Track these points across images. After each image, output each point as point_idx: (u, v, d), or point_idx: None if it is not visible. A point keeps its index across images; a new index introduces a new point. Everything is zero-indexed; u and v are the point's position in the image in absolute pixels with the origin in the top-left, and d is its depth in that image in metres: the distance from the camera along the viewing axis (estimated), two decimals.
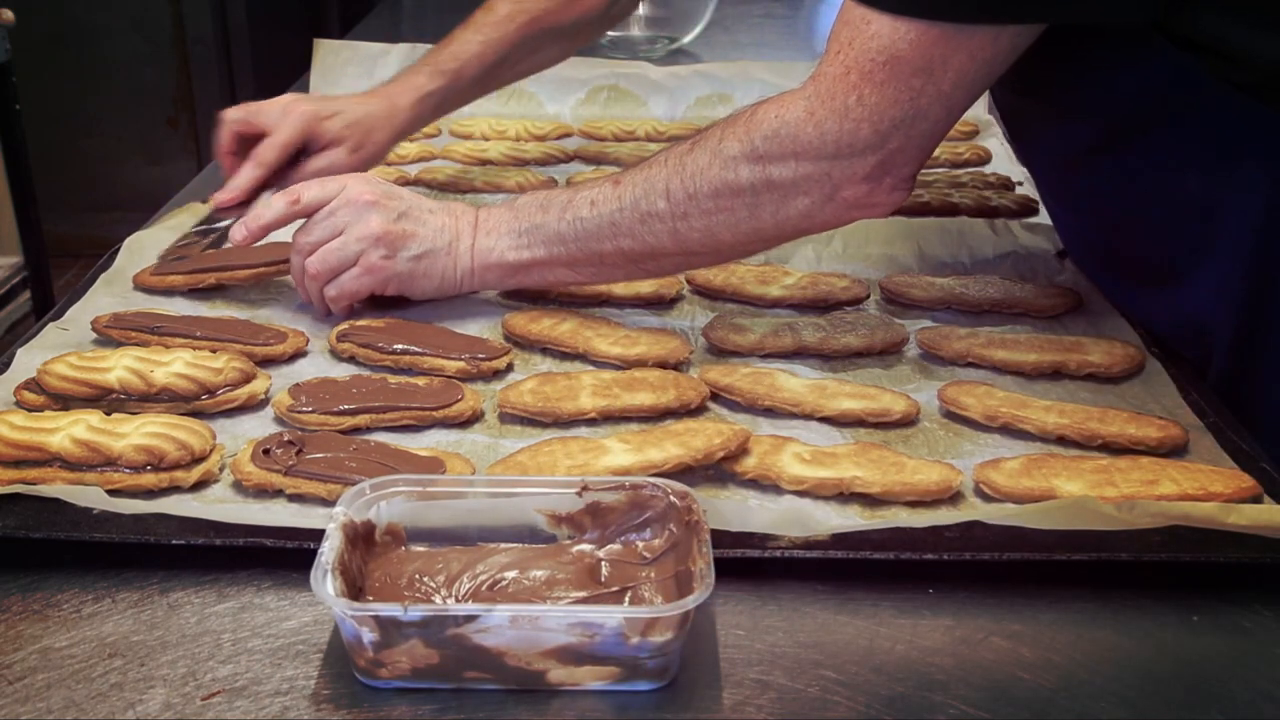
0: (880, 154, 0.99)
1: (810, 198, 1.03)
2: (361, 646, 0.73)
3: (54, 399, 1.02)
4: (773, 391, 1.06)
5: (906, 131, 0.98)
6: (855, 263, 1.38)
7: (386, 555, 0.82)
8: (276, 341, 1.13)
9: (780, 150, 1.01)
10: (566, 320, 1.19)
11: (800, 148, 1.00)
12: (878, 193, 1.02)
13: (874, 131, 0.97)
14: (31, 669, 0.75)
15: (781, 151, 1.01)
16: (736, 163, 1.03)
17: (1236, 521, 0.84)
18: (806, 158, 1.00)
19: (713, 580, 0.72)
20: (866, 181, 1.01)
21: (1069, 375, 1.13)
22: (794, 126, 1.00)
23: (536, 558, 0.81)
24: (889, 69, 0.95)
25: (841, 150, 0.99)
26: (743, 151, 1.02)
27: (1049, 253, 1.37)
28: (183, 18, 3.88)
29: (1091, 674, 0.77)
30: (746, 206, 1.05)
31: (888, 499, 0.92)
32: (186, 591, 0.83)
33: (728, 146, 1.03)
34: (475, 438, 1.02)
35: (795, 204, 1.04)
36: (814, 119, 0.99)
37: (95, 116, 3.97)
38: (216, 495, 0.92)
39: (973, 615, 0.82)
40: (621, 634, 0.72)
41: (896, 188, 1.02)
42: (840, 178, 1.01)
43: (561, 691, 0.74)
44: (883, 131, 0.97)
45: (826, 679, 0.76)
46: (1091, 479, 0.93)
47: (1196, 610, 0.83)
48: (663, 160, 1.08)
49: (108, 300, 1.24)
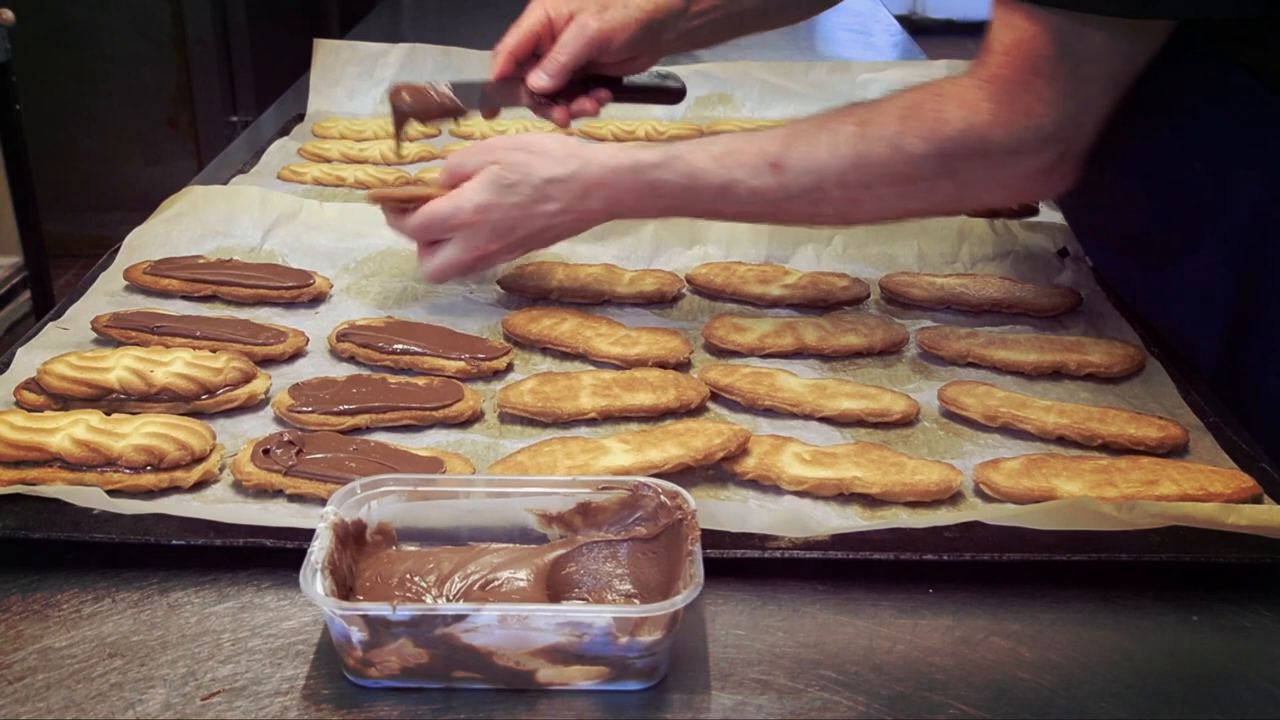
0: (1061, 144, 1.03)
1: (989, 187, 1.08)
2: (350, 646, 0.73)
3: (54, 399, 1.02)
4: (773, 391, 1.06)
5: (1081, 119, 1.02)
6: (855, 262, 1.38)
7: (377, 555, 0.82)
8: (276, 341, 1.13)
9: (968, 150, 1.03)
10: (566, 320, 1.19)
11: (989, 148, 1.03)
12: (1053, 180, 1.07)
13: (1054, 124, 1.01)
14: (31, 669, 0.75)
15: (969, 151, 1.04)
16: (921, 161, 1.05)
17: (1236, 522, 0.84)
18: (994, 155, 1.03)
19: (701, 580, 0.72)
20: (1044, 172, 1.05)
21: (1069, 375, 1.13)
22: (983, 129, 1.02)
23: (528, 557, 0.81)
24: (1062, 63, 0.99)
25: (1026, 146, 1.02)
26: (927, 151, 1.04)
27: (1049, 253, 1.37)
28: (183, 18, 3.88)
29: (1091, 674, 0.77)
30: (923, 196, 1.08)
31: (888, 499, 0.92)
32: (186, 591, 0.83)
33: (910, 144, 1.05)
34: (475, 438, 1.02)
35: (972, 192, 1.09)
36: (1001, 121, 1.02)
37: (95, 116, 3.97)
38: (216, 495, 0.92)
39: (973, 615, 0.82)
40: (610, 633, 0.72)
41: (1070, 172, 1.06)
42: (1023, 170, 1.05)
43: (553, 692, 0.74)
44: (1062, 123, 1.01)
45: (826, 679, 0.76)
46: (1091, 479, 0.93)
47: (1196, 610, 0.83)
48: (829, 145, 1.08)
49: (108, 300, 1.24)
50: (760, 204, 1.11)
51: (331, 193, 1.58)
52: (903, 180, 1.06)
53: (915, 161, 1.05)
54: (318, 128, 1.84)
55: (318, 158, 1.72)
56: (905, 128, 1.05)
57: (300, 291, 1.26)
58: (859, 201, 1.09)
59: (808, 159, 1.08)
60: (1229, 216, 1.08)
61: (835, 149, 1.07)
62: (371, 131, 1.81)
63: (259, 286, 1.25)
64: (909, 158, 1.05)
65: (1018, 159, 1.03)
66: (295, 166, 1.66)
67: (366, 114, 1.95)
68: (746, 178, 1.10)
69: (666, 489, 0.82)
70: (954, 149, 1.03)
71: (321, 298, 1.27)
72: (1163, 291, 1.18)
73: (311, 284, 1.27)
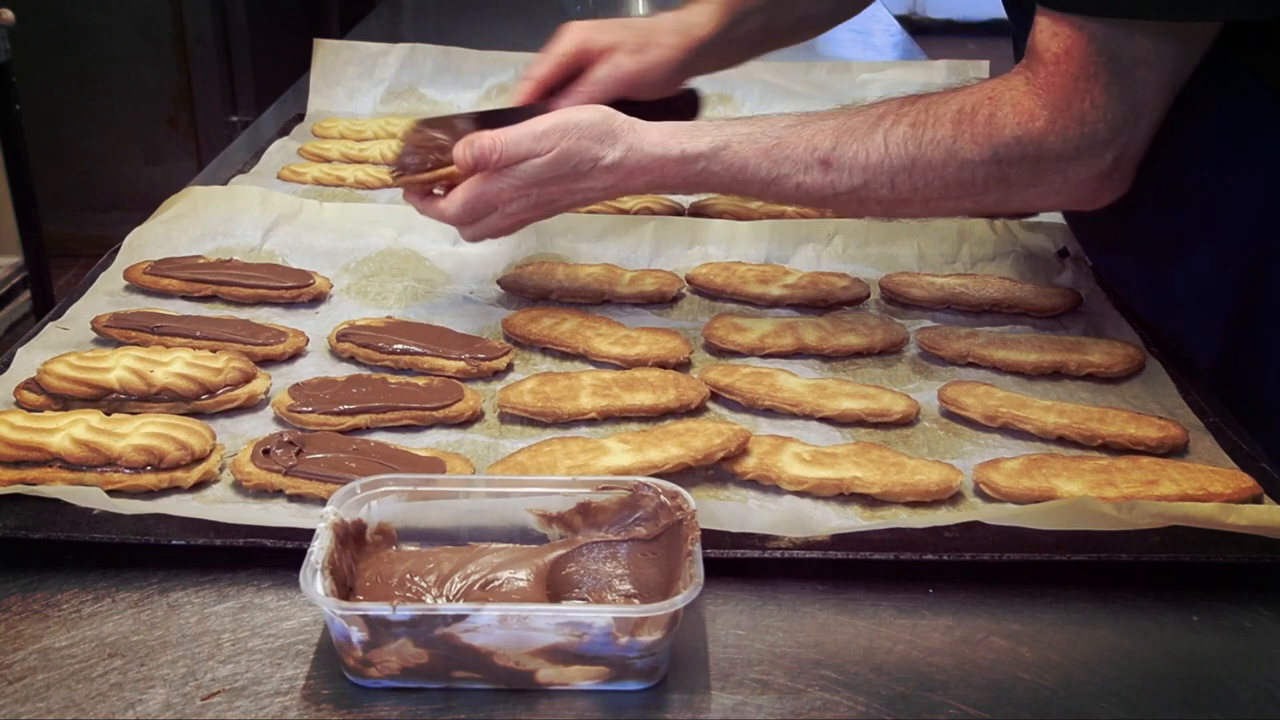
0: (1115, 149, 1.03)
1: (1040, 190, 1.07)
2: (350, 646, 0.73)
3: (54, 399, 1.02)
4: (773, 391, 1.06)
5: (1135, 123, 1.02)
6: (855, 262, 1.38)
7: (377, 555, 0.82)
8: (276, 341, 1.13)
9: (1022, 155, 1.04)
10: (566, 320, 1.19)
11: (1043, 153, 1.03)
12: (1106, 188, 1.06)
13: (1109, 128, 1.01)
14: (31, 669, 0.75)
15: (1023, 156, 1.04)
16: (974, 166, 1.05)
17: (1236, 521, 0.84)
18: (1048, 161, 1.03)
19: (701, 580, 0.72)
20: (1099, 178, 1.05)
21: (1069, 375, 1.13)
22: (1038, 136, 1.02)
23: (528, 557, 0.81)
24: (1113, 68, 0.99)
25: (1081, 152, 1.02)
26: (981, 157, 1.04)
27: (1049, 253, 1.37)
28: (183, 18, 3.88)
29: (1091, 674, 0.77)
30: (974, 197, 1.08)
31: (888, 499, 0.92)
32: (186, 591, 0.83)
33: (964, 149, 1.05)
34: (475, 438, 1.02)
35: (1022, 196, 1.08)
36: (1056, 128, 1.02)
37: (95, 116, 3.97)
38: (216, 495, 0.92)
39: (973, 615, 0.82)
40: (610, 633, 0.72)
41: (1124, 180, 1.06)
42: (1076, 176, 1.05)
43: (553, 692, 0.74)
44: (1116, 126, 1.01)
45: (826, 679, 0.76)
46: (1091, 479, 0.93)
47: (1196, 610, 0.83)
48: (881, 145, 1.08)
49: (108, 300, 1.24)
50: (807, 198, 1.12)
51: (331, 193, 1.58)
52: (954, 184, 1.07)
53: (969, 166, 1.05)
54: (318, 128, 1.84)
55: (318, 158, 1.72)
56: (959, 132, 1.05)
57: (300, 291, 1.26)
58: (908, 202, 1.09)
59: (858, 158, 1.08)
60: (1232, 217, 1.08)
61: (887, 150, 1.07)
62: (371, 131, 1.81)
63: (259, 286, 1.25)
64: (963, 163, 1.05)
65: (1073, 165, 1.03)
66: (295, 166, 1.66)
67: (366, 114, 1.95)
68: (794, 173, 1.10)
69: (666, 489, 0.81)
70: (1008, 154, 1.04)
71: (321, 298, 1.27)
72: (1164, 291, 1.18)
73: (311, 284, 1.27)
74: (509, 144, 1.10)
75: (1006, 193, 1.07)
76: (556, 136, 1.10)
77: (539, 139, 1.10)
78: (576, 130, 1.10)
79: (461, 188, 1.14)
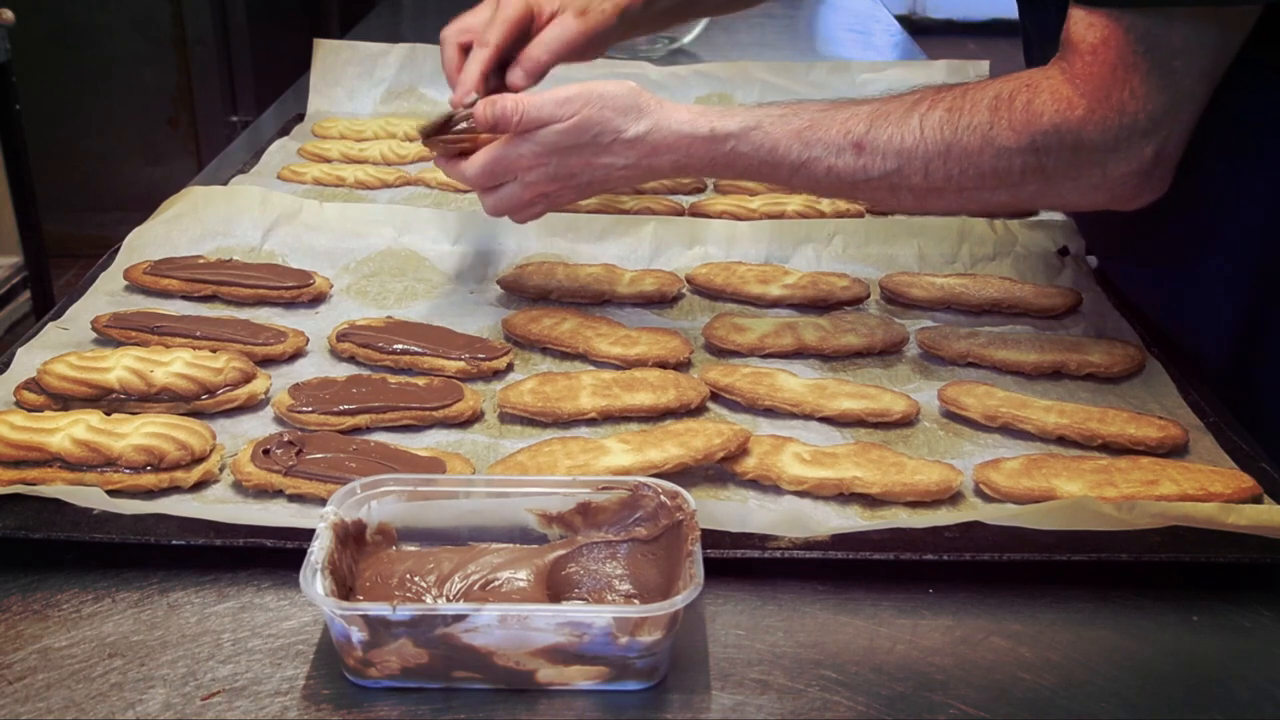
0: (1155, 142, 1.01)
1: (1078, 184, 1.05)
2: (350, 646, 0.73)
3: (54, 399, 1.02)
4: (773, 391, 1.06)
5: (1175, 114, 1.00)
6: (855, 262, 1.38)
7: (377, 555, 0.82)
8: (276, 341, 1.13)
9: (1060, 144, 1.02)
10: (567, 320, 1.19)
11: (1082, 143, 1.01)
12: (1147, 184, 1.04)
13: (1149, 119, 1.00)
14: (31, 669, 0.75)
15: (1061, 145, 1.02)
16: (1011, 154, 1.03)
17: (1236, 521, 0.84)
18: (1086, 152, 1.02)
19: (701, 579, 0.72)
20: (1139, 175, 1.03)
21: (1069, 375, 1.13)
22: (1076, 124, 1.01)
23: (528, 557, 0.81)
24: (1152, 58, 0.97)
25: (1120, 144, 1.01)
26: (1019, 145, 1.03)
27: (1049, 253, 1.37)
28: (183, 18, 3.88)
29: (1091, 674, 0.77)
30: (1009, 189, 1.06)
31: (888, 499, 0.92)
32: (186, 591, 0.83)
33: (1001, 136, 1.03)
34: (475, 438, 1.02)
35: (1059, 189, 1.06)
36: (1095, 117, 1.00)
37: (95, 116, 3.97)
38: (216, 495, 0.92)
39: (973, 615, 0.82)
40: (610, 633, 0.72)
41: (1164, 177, 1.04)
42: (1115, 171, 1.02)
43: (553, 692, 0.74)
44: (1157, 117, 1.00)
45: (826, 679, 0.76)
46: (1091, 479, 0.93)
47: (1196, 610, 0.83)
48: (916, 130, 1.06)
49: (108, 300, 1.24)
50: (837, 183, 1.09)
51: (331, 193, 1.58)
52: (990, 174, 1.05)
53: (1006, 154, 1.03)
54: (318, 128, 1.84)
55: (318, 158, 1.72)
56: (996, 118, 1.03)
57: (300, 291, 1.26)
58: (941, 191, 1.07)
59: (893, 142, 1.06)
60: (1243, 216, 1.07)
61: (922, 134, 1.06)
62: (371, 131, 1.81)
63: (259, 286, 1.25)
64: (999, 150, 1.03)
65: (1111, 158, 1.01)
66: (295, 166, 1.66)
67: (366, 114, 1.95)
68: (826, 156, 1.08)
69: (666, 489, 0.81)
70: (1045, 143, 1.02)
71: (321, 298, 1.27)
72: (1172, 290, 1.17)
73: (311, 284, 1.27)
74: (531, 107, 1.09)
75: (1044, 185, 1.05)
76: (579, 104, 1.09)
77: (561, 104, 1.09)
78: (600, 100, 1.09)
79: (482, 151, 1.13)
